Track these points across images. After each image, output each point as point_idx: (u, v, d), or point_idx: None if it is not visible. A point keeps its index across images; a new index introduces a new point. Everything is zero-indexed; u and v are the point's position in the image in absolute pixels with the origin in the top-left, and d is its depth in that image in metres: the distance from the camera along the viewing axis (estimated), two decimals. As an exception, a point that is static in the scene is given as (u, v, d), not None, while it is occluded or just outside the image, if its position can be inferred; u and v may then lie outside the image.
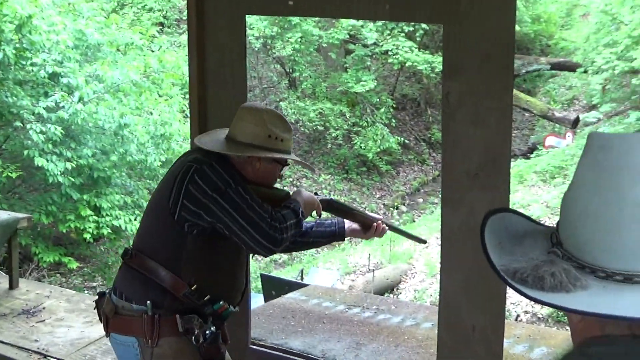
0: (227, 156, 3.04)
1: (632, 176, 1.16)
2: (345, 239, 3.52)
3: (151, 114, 12.87)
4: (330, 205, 3.35)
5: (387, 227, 3.45)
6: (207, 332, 3.00)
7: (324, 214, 3.34)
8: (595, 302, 1.13)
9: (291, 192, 3.23)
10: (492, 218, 1.39)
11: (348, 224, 3.43)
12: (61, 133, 11.02)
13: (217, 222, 2.88)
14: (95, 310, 3.22)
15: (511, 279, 1.23)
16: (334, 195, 18.63)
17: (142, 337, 2.97)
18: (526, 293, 1.20)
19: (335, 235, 3.45)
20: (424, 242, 4.12)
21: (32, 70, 11.48)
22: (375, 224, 3.40)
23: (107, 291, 3.14)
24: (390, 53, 20.51)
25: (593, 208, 1.18)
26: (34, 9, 11.37)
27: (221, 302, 3.05)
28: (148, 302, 2.95)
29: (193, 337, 2.98)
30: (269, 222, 2.87)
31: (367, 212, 3.61)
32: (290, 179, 19.69)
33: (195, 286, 2.98)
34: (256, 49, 20.53)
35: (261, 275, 10.77)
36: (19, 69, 11.51)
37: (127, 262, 3.07)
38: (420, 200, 20.22)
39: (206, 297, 3.00)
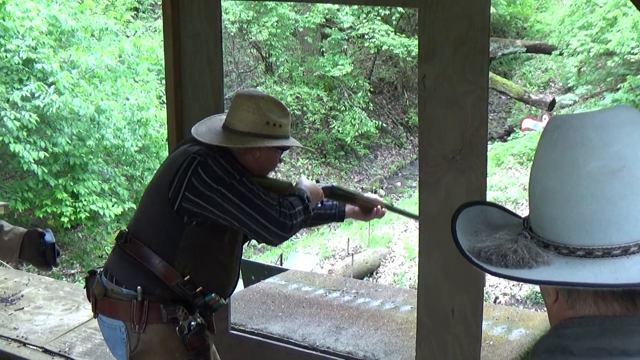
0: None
1: (587, 151, 1.17)
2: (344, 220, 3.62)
3: (127, 99, 12.80)
4: (332, 193, 3.40)
5: (385, 210, 3.54)
6: (192, 322, 3.00)
7: None
8: (557, 275, 1.16)
9: (294, 182, 3.24)
10: (470, 208, 1.40)
11: (349, 207, 3.51)
12: (36, 120, 10.94)
13: (224, 214, 2.87)
14: (85, 290, 3.21)
15: (476, 258, 1.25)
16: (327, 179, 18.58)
17: (129, 321, 2.97)
18: (490, 270, 1.22)
19: (335, 217, 3.53)
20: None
21: (6, 56, 11.36)
22: (375, 208, 3.49)
23: (98, 271, 3.14)
24: (366, 37, 20.53)
25: (551, 186, 1.20)
26: (7, -6, 11.28)
27: (213, 295, 3.05)
28: (138, 287, 2.95)
29: (177, 328, 2.98)
30: (278, 209, 2.88)
31: (366, 194, 3.67)
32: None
33: (188, 277, 2.98)
34: (232, 33, 20.46)
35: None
36: (-8, 55, 11.41)
37: (121, 245, 3.06)
38: (399, 183, 20.27)
39: (198, 289, 3.01)
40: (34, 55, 11.40)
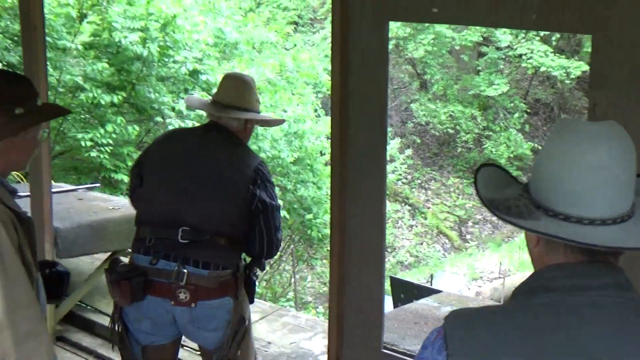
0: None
1: (585, 149, 1.57)
2: None
3: (285, 111, 13.08)
4: None
5: None
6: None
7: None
8: (542, 228, 1.59)
9: None
10: (485, 168, 1.83)
11: None
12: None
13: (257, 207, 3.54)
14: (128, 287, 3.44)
15: (489, 206, 1.69)
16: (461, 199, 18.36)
17: (233, 293, 3.51)
18: (497, 214, 1.67)
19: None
20: None
21: (174, 67, 11.85)
22: None
23: (175, 267, 3.43)
24: (524, 57, 20.14)
25: (555, 168, 1.62)
26: (178, 8, 11.77)
27: None
28: (240, 263, 3.59)
29: (253, 277, 3.68)
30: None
31: None
32: (419, 181, 19.62)
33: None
34: (388, 49, 20.55)
35: (390, 277, 10.76)
36: (162, 65, 11.91)
37: (210, 240, 3.48)
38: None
39: None
40: (199, 67, 11.84)
